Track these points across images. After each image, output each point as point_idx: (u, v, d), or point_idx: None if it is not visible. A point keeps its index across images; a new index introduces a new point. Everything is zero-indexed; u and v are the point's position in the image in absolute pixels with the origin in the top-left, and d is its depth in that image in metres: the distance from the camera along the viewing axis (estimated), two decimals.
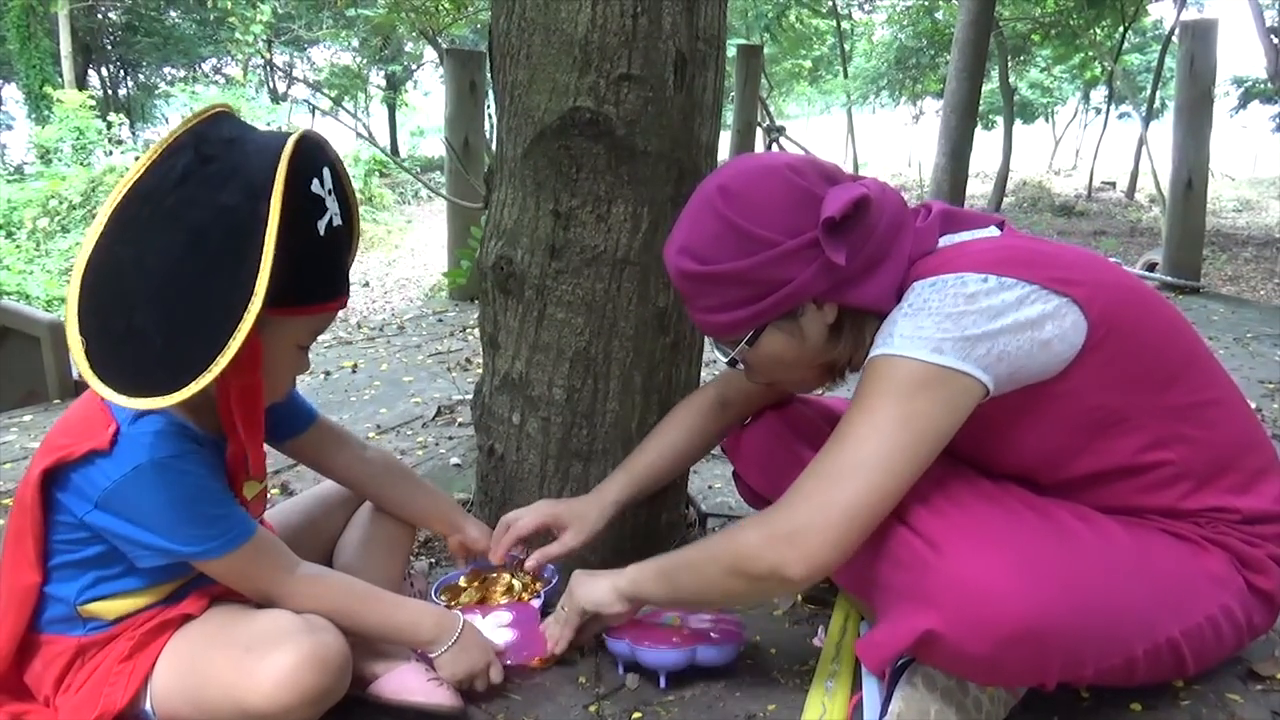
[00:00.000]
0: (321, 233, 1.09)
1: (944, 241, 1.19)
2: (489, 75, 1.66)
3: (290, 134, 1.07)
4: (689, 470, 1.83)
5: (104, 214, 1.04)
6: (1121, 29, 13.99)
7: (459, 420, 2.74)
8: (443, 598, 1.51)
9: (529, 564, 1.45)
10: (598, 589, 1.30)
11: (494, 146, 1.66)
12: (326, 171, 1.11)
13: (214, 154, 1.04)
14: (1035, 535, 1.08)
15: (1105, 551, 1.09)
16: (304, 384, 3.32)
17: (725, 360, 1.25)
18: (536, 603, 1.46)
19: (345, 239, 1.17)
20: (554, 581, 1.51)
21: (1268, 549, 1.17)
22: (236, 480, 1.20)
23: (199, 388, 0.96)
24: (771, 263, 1.11)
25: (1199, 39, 4.62)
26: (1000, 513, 1.11)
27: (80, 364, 0.99)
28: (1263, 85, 13.71)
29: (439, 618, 1.29)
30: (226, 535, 1.13)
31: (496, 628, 1.41)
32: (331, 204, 1.11)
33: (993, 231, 1.21)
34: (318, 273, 1.12)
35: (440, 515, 1.52)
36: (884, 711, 1.14)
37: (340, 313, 1.25)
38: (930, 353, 1.05)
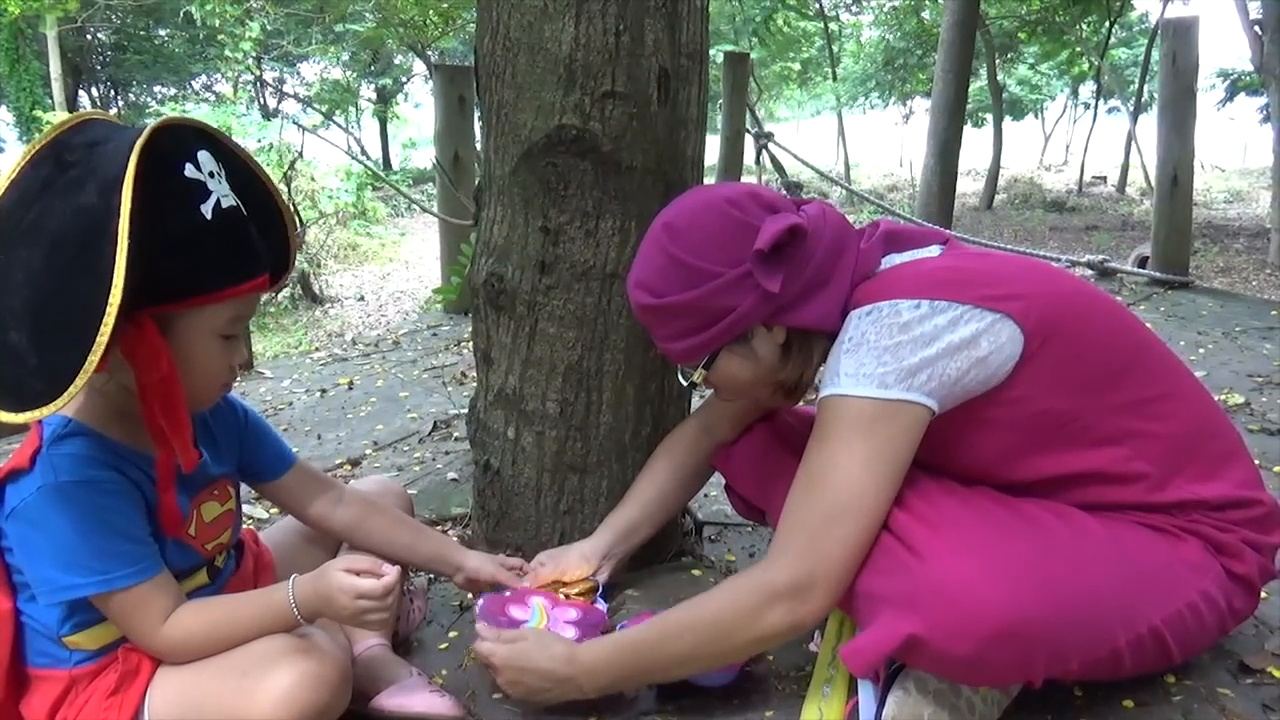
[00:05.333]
0: (208, 216, 1.05)
1: (886, 262, 1.24)
2: (475, 92, 1.68)
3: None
4: None
5: None
6: (1107, 24, 14.06)
7: (455, 435, 2.75)
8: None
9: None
10: (549, 701, 1.28)
11: (483, 163, 1.68)
12: (204, 155, 1.07)
13: (74, 160, 1.01)
14: (1011, 534, 1.11)
15: (1080, 545, 1.12)
16: (300, 402, 3.33)
17: (686, 383, 1.32)
18: (602, 605, 1.45)
19: (245, 220, 1.11)
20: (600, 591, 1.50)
21: (1239, 534, 1.20)
22: (166, 490, 1.15)
23: (75, 392, 0.95)
24: (715, 293, 1.18)
25: (1180, 36, 4.65)
26: (975, 514, 1.14)
27: None
28: (1249, 77, 13.77)
29: (290, 583, 1.18)
30: (114, 573, 1.08)
31: (563, 623, 1.42)
32: (217, 186, 1.07)
33: (934, 250, 1.26)
34: (213, 258, 1.08)
35: (436, 555, 1.48)
36: (878, 716, 1.16)
37: (336, 329, 1.22)
38: (877, 389, 1.11)
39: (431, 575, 1.76)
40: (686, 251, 1.19)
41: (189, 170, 1.05)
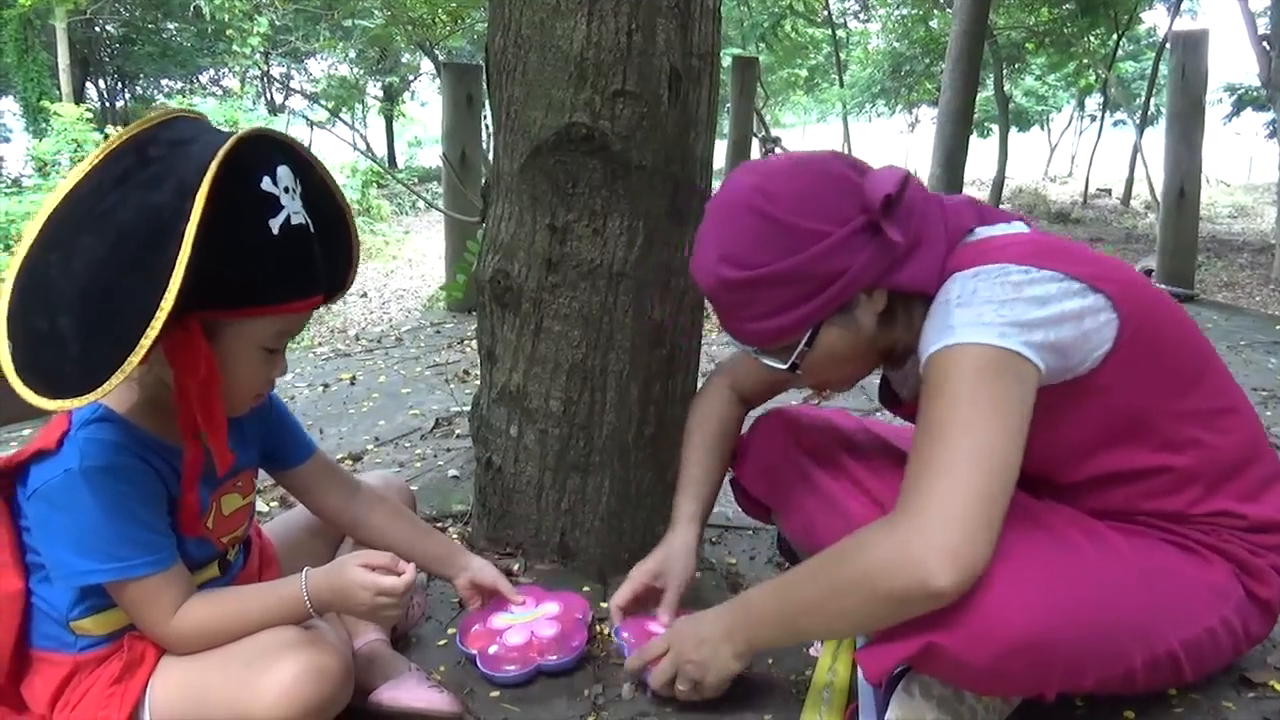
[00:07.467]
0: (275, 231, 1.04)
1: (980, 232, 1.18)
2: (485, 89, 1.68)
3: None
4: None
5: (41, 216, 1.03)
6: (1115, 37, 14.07)
7: (457, 432, 2.75)
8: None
9: (664, 619, 1.40)
10: (721, 666, 1.22)
11: (491, 160, 1.67)
12: (283, 170, 1.07)
13: (158, 156, 1.01)
14: (1037, 549, 1.08)
15: (1106, 564, 1.10)
16: (302, 396, 3.33)
17: (784, 368, 1.17)
18: (583, 607, 1.46)
19: (311, 238, 1.11)
20: None
21: (1270, 559, 1.18)
22: (190, 489, 1.15)
23: (110, 388, 0.95)
24: (824, 255, 1.08)
25: (1190, 49, 4.66)
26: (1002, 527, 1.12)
27: (5, 365, 0.98)
28: (1255, 92, 13.77)
29: (304, 575, 1.19)
30: (131, 561, 1.09)
31: (545, 619, 1.41)
32: (290, 202, 1.06)
33: (1022, 227, 1.21)
34: (273, 273, 1.07)
35: (442, 557, 1.47)
36: None
37: (339, 325, 1.22)
38: (997, 338, 1.03)
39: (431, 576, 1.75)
40: (789, 212, 1.08)
41: (266, 183, 1.04)
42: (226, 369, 1.09)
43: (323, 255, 1.14)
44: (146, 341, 0.95)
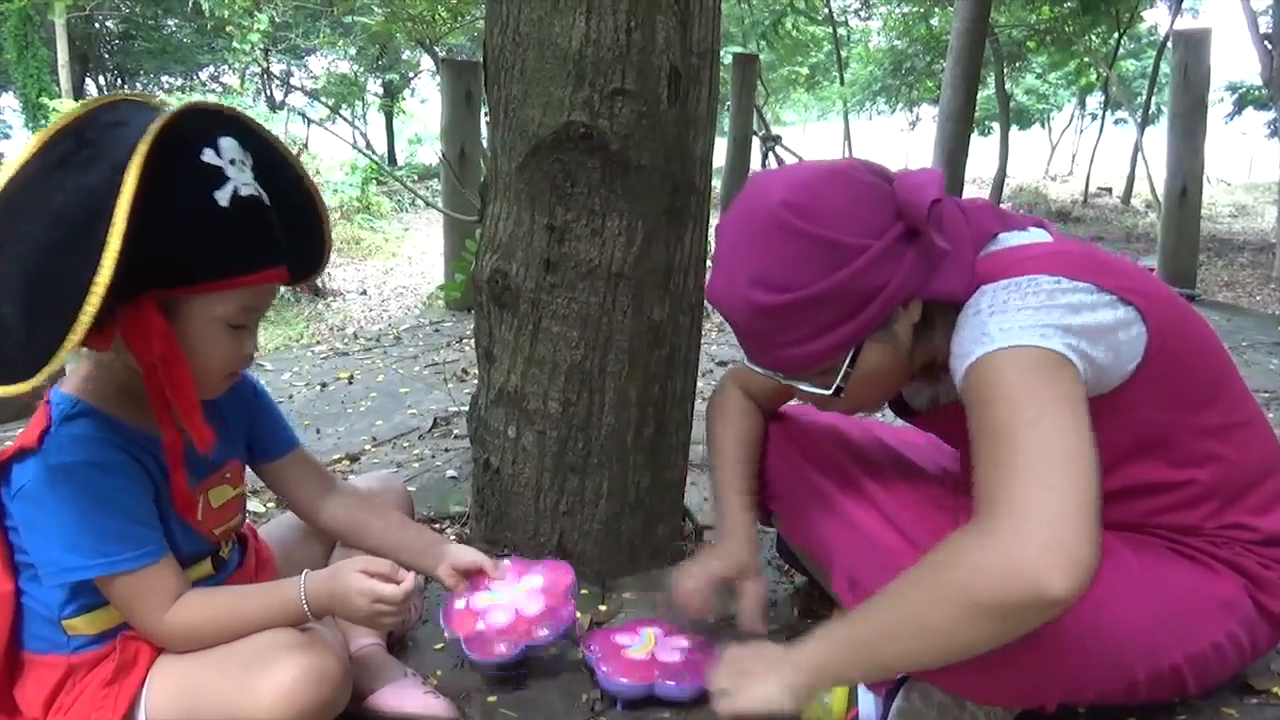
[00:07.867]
0: (224, 203, 1.02)
1: (1003, 239, 1.13)
2: (484, 87, 1.66)
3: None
4: (685, 482, 1.83)
5: None
6: (1116, 35, 14.04)
7: (455, 432, 2.73)
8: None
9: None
10: (768, 693, 1.03)
11: (489, 159, 1.66)
12: (227, 142, 1.05)
13: (93, 138, 1.00)
14: None
15: (1113, 578, 1.07)
16: (299, 395, 3.31)
17: (828, 393, 1.10)
18: (568, 578, 1.42)
19: (266, 210, 1.08)
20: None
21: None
22: (176, 470, 1.14)
23: (52, 369, 0.95)
24: (866, 270, 1.02)
25: (1192, 48, 4.64)
26: None
27: None
28: (1257, 91, 13.76)
29: (302, 578, 1.18)
30: (117, 555, 1.08)
31: (529, 594, 1.38)
32: (238, 174, 1.05)
33: (1043, 234, 1.16)
34: (223, 245, 1.05)
35: (423, 550, 1.40)
36: None
37: (337, 322, 1.19)
38: (1039, 339, 0.98)
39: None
40: (825, 226, 1.01)
41: (207, 155, 1.03)
42: (192, 347, 1.08)
43: (283, 227, 1.11)
44: (84, 319, 0.93)
